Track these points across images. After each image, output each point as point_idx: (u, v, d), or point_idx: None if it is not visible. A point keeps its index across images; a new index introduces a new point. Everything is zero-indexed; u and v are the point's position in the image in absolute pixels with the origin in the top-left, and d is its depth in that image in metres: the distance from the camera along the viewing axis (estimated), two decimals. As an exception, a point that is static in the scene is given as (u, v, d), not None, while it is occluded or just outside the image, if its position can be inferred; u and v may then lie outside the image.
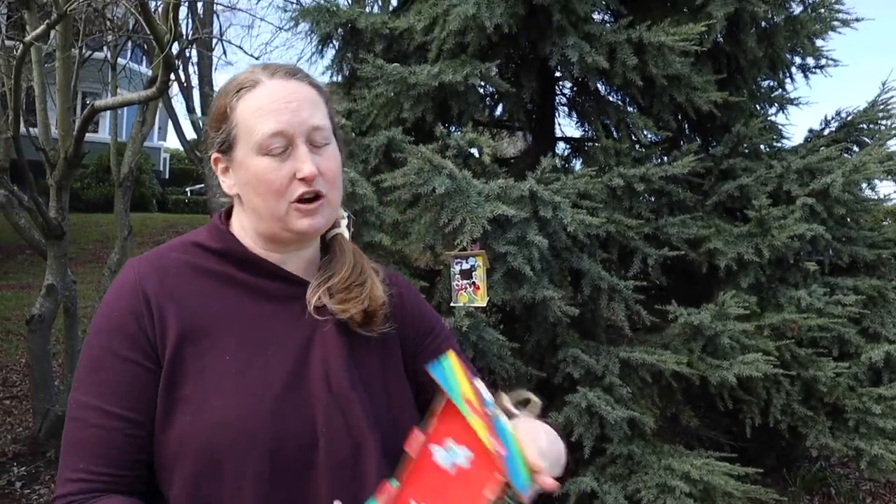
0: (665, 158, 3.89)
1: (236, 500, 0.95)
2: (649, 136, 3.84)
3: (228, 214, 1.15)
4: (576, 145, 4.53)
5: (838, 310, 3.72)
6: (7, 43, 8.10)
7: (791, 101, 4.73)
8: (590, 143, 4.56)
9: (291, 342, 1.04)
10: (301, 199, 1.03)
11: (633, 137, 3.91)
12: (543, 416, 1.11)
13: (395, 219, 3.17)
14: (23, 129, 6.39)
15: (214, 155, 1.10)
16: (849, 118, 4.35)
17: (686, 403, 3.80)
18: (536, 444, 0.94)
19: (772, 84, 4.70)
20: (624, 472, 3.41)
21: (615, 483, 3.34)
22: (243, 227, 1.11)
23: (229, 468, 0.95)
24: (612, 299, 3.42)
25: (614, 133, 4.03)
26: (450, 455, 0.86)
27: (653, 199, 3.89)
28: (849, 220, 3.99)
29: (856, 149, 4.43)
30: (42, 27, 5.54)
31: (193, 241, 1.10)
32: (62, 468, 0.97)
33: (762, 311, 3.76)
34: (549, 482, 0.89)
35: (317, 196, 1.04)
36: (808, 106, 4.93)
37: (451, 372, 0.92)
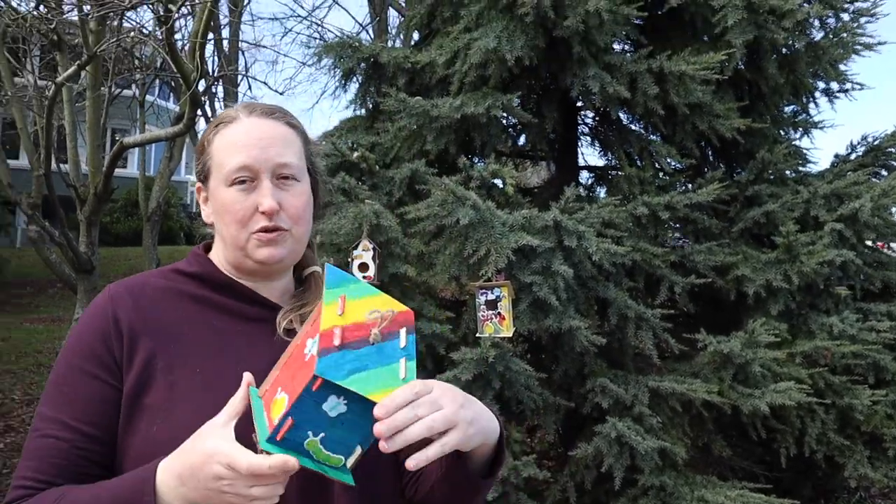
0: (689, 186, 3.88)
1: None
2: (672, 163, 3.83)
3: (208, 247, 1.21)
4: (599, 174, 4.53)
5: (872, 336, 3.65)
6: (39, 83, 8.33)
7: (815, 125, 4.69)
8: (613, 172, 4.56)
9: (259, 359, 1.07)
10: (261, 230, 1.09)
11: (657, 165, 3.90)
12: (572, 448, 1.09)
13: (419, 250, 3.19)
14: (53, 166, 6.55)
15: (197, 185, 1.19)
16: (875, 142, 4.31)
17: (717, 433, 3.73)
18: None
19: (795, 109, 4.68)
20: (656, 504, 3.35)
21: (647, 516, 3.28)
22: (219, 255, 1.17)
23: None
24: (640, 328, 3.39)
25: (637, 161, 4.03)
26: (311, 346, 0.91)
27: (678, 227, 3.87)
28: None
29: (884, 173, 4.38)
30: (73, 68, 5.71)
31: (173, 269, 1.17)
32: (14, 475, 1.01)
33: (793, 338, 3.69)
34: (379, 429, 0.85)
35: (276, 229, 1.09)
36: (833, 129, 4.89)
37: (341, 277, 0.98)
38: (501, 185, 3.41)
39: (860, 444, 3.71)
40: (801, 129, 4.71)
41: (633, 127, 4.03)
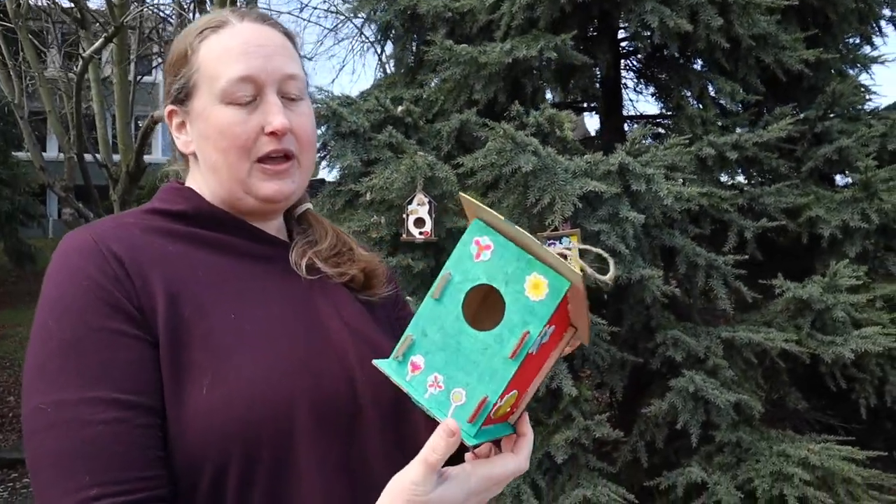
0: (752, 126, 3.65)
1: (291, 477, 0.81)
2: (736, 102, 3.59)
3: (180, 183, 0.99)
4: (652, 122, 4.30)
5: (957, 276, 3.43)
6: (65, 64, 8.25)
7: (875, 60, 4.41)
8: (664, 119, 4.34)
9: (292, 299, 0.91)
10: (268, 158, 0.89)
11: (719, 105, 3.67)
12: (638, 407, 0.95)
13: (476, 203, 3.02)
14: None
15: (169, 108, 0.95)
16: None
17: (791, 385, 3.54)
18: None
19: (857, 42, 4.40)
20: (732, 461, 3.19)
21: (724, 473, 3.12)
22: (201, 192, 0.95)
23: (272, 441, 0.79)
24: (710, 276, 3.20)
25: (695, 104, 3.79)
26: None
27: (740, 170, 3.66)
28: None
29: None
30: (100, 41, 5.59)
31: (149, 209, 0.93)
32: (59, 493, 0.72)
33: (872, 281, 3.48)
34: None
35: (286, 157, 0.90)
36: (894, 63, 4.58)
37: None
38: (558, 133, 3.21)
39: (946, 391, 3.51)
40: (860, 64, 4.43)
41: (693, 66, 3.78)
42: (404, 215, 2.86)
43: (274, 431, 0.79)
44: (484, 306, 0.78)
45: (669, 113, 4.22)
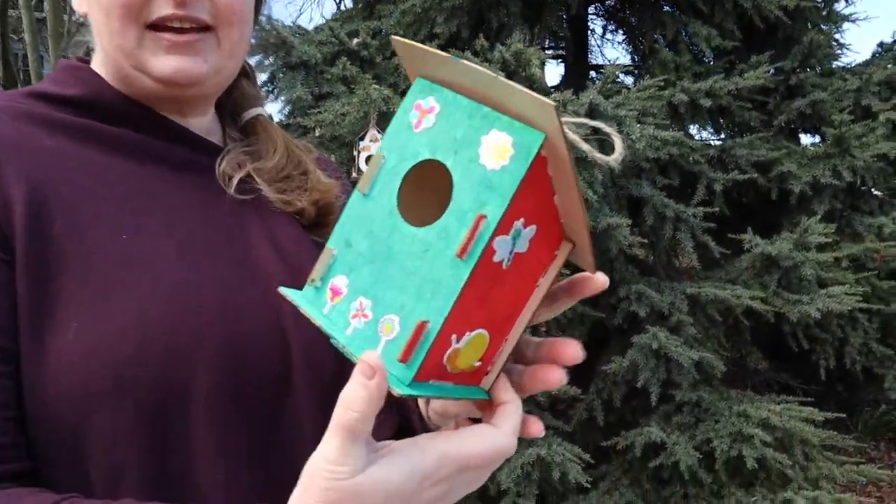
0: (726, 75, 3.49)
1: (175, 464, 0.58)
2: (711, 48, 3.42)
3: (85, 62, 0.73)
4: (625, 70, 4.11)
5: (922, 238, 3.36)
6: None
7: (846, 18, 4.29)
8: (632, 69, 4.16)
9: (212, 221, 0.67)
10: (164, 27, 0.64)
11: (692, 52, 3.49)
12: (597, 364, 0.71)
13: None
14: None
15: None
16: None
17: (753, 344, 3.46)
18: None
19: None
20: (691, 421, 3.09)
21: (682, 433, 3.03)
22: (101, 72, 0.70)
23: (155, 410, 0.57)
24: (678, 230, 3.05)
25: (666, 48, 3.61)
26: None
27: (713, 121, 3.50)
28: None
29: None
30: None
31: (32, 91, 0.68)
32: None
33: (839, 240, 3.39)
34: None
35: (190, 24, 0.64)
36: (868, 22, 4.47)
37: None
38: (524, 73, 2.99)
39: (902, 354, 3.48)
40: (833, 23, 4.31)
41: (667, 8, 3.58)
42: (355, 152, 2.62)
43: (159, 397, 0.57)
44: (436, 199, 0.52)
45: (639, 63, 4.03)
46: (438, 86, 0.51)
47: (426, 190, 0.53)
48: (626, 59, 4.21)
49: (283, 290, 0.54)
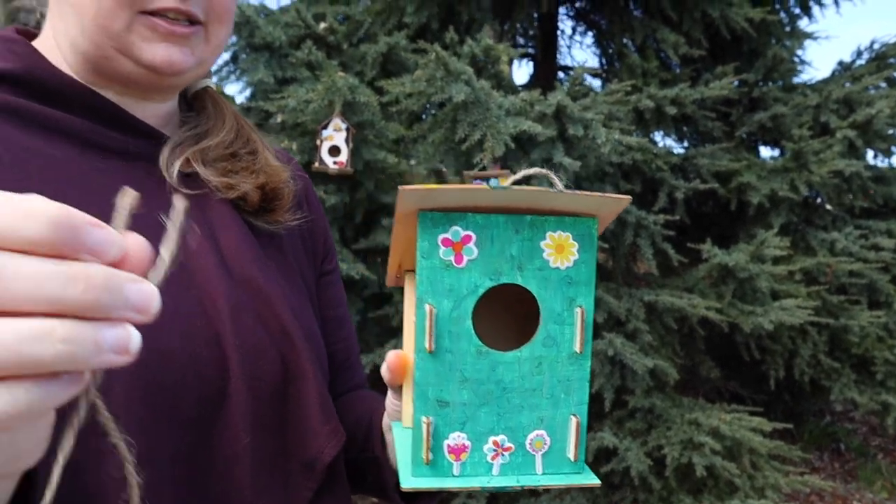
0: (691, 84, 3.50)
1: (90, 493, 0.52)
2: (679, 56, 3.43)
3: (28, 35, 0.67)
4: (592, 73, 4.10)
5: (872, 254, 3.43)
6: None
7: (808, 36, 4.37)
8: (600, 74, 4.15)
9: (154, 217, 0.60)
10: (160, 14, 0.60)
11: (659, 58, 3.50)
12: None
13: (399, 135, 2.73)
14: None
15: None
16: (882, 49, 3.99)
17: (706, 353, 3.49)
18: None
19: (796, 12, 4.33)
20: (643, 427, 3.10)
21: (634, 439, 3.03)
22: (58, 44, 0.64)
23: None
24: (639, 236, 3.05)
25: (634, 54, 3.61)
26: None
27: (676, 129, 3.51)
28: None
29: (883, 85, 4.10)
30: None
31: None
32: None
33: (793, 254, 3.44)
34: None
35: (189, 22, 0.62)
36: (829, 41, 4.56)
37: None
38: (493, 69, 2.95)
39: (848, 367, 3.55)
40: (795, 39, 4.38)
41: (637, 13, 3.58)
42: (318, 141, 2.54)
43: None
44: (487, 314, 0.54)
45: (606, 66, 4.03)
46: (456, 213, 0.49)
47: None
48: (594, 62, 4.20)
49: (405, 488, 0.52)
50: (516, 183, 0.48)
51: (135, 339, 0.31)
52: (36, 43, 0.66)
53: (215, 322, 0.58)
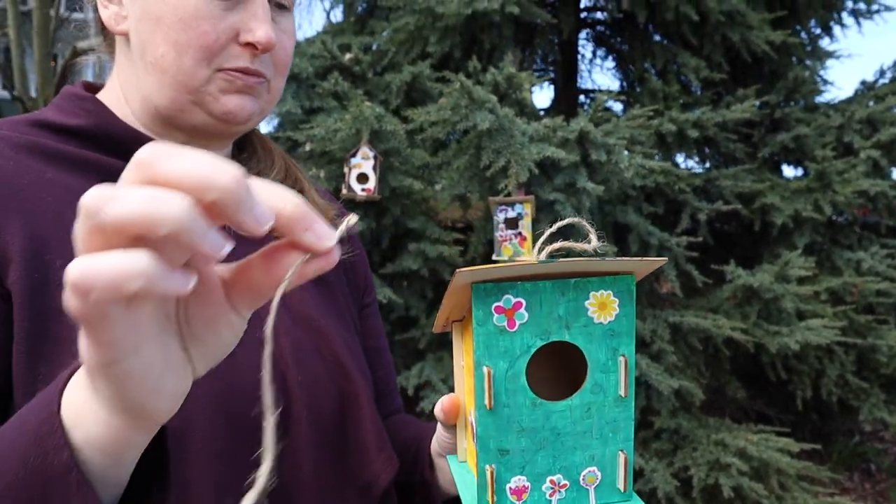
0: (713, 107, 3.53)
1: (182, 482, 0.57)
2: (700, 80, 3.46)
3: (93, 88, 0.73)
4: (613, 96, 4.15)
5: (900, 274, 3.42)
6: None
7: (830, 55, 4.38)
8: (622, 97, 4.20)
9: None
10: (239, 70, 0.67)
11: (680, 82, 3.53)
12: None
13: (424, 162, 2.79)
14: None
15: None
16: (906, 68, 4.00)
17: (732, 374, 3.49)
18: None
19: (817, 33, 4.35)
20: (669, 448, 3.11)
21: (660, 460, 3.04)
22: (125, 96, 0.70)
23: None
24: (662, 257, 3.07)
25: (657, 78, 3.65)
26: None
27: (698, 151, 3.54)
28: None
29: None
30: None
31: (35, 119, 0.68)
32: None
33: (818, 274, 3.44)
34: None
35: (258, 74, 0.68)
36: (851, 59, 4.56)
37: None
38: (515, 96, 3.01)
39: (877, 387, 3.52)
40: (817, 59, 4.39)
41: (657, 38, 3.63)
42: (346, 169, 2.61)
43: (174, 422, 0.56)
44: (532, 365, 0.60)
45: (627, 89, 4.07)
46: (507, 283, 0.55)
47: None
48: (615, 85, 4.24)
49: None
50: (556, 249, 0.54)
51: (226, 248, 0.35)
52: (102, 95, 0.72)
53: (278, 358, 0.63)
